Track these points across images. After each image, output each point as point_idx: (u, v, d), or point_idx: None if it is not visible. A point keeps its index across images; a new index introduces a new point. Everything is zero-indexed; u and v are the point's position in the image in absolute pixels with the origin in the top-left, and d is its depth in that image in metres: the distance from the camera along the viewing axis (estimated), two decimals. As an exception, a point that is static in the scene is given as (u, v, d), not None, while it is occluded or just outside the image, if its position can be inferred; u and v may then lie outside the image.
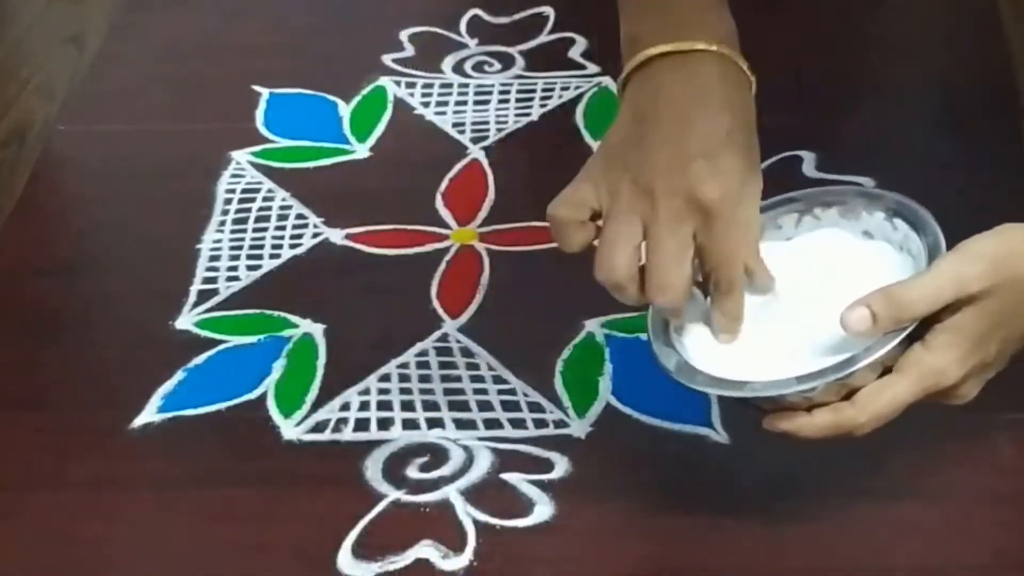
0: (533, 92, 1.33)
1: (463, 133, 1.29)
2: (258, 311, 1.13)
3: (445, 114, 1.31)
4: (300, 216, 1.21)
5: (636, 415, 1.03)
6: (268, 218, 1.21)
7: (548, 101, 1.32)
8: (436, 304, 1.12)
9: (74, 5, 1.48)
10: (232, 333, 1.11)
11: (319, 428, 1.03)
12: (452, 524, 0.96)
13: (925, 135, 1.27)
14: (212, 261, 1.17)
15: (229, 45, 1.41)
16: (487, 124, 1.30)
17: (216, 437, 1.03)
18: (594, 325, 1.10)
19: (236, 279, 1.16)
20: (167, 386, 1.07)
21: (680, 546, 0.95)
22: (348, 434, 1.03)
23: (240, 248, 1.18)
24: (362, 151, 1.28)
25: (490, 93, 1.33)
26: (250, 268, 1.17)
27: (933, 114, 1.29)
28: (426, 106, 1.32)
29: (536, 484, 0.99)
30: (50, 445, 1.04)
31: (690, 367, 0.89)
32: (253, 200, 1.23)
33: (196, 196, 1.23)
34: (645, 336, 0.91)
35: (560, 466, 1.00)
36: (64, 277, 1.17)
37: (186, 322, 1.12)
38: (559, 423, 1.03)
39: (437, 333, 1.10)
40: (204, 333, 1.11)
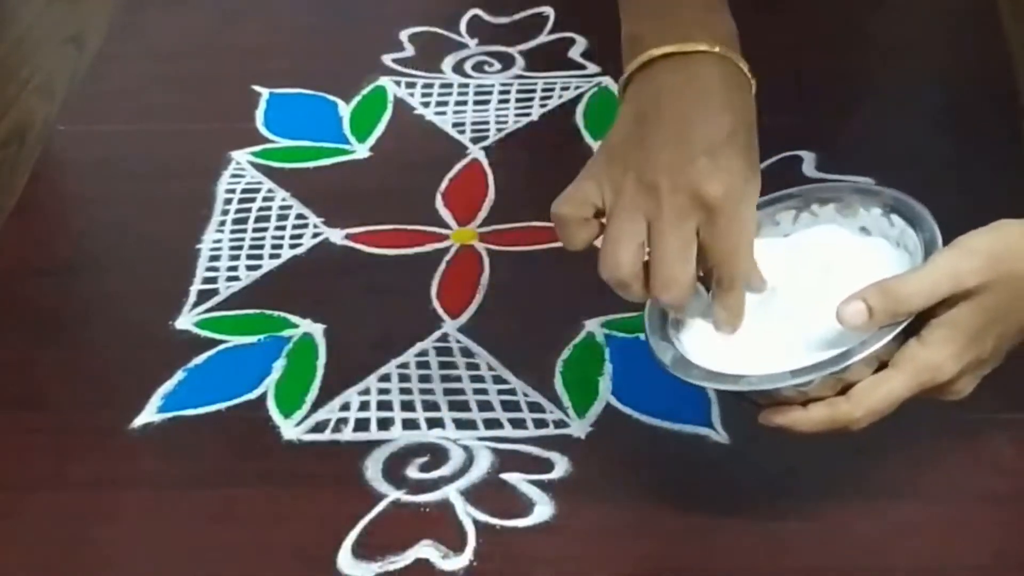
0: (533, 92, 1.33)
1: (463, 133, 1.29)
2: (258, 311, 1.13)
3: (445, 114, 1.31)
4: (300, 216, 1.21)
5: (636, 415, 1.03)
6: (268, 218, 1.21)
7: (548, 101, 1.32)
8: (436, 304, 1.12)
9: (74, 5, 1.48)
10: (232, 333, 1.11)
11: (319, 428, 1.03)
12: (452, 524, 0.96)
13: (925, 135, 1.27)
14: (212, 261, 1.17)
15: (229, 45, 1.41)
16: (487, 124, 1.30)
17: (216, 437, 1.03)
18: (594, 325, 1.10)
19: (236, 279, 1.16)
20: (167, 386, 1.07)
21: (680, 546, 0.95)
22: (348, 434, 1.03)
23: (240, 248, 1.18)
24: (362, 151, 1.27)
25: (490, 93, 1.33)
26: (250, 268, 1.16)
27: (933, 114, 1.29)
28: (426, 106, 1.32)
29: (536, 484, 0.99)
30: (50, 445, 1.03)
31: (686, 361, 0.89)
32: (253, 200, 1.23)
33: (196, 196, 1.23)
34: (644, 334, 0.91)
35: (560, 466, 1.00)
36: (64, 277, 1.17)
37: (186, 322, 1.12)
38: (559, 423, 1.03)
39: (437, 333, 1.10)
40: (204, 333, 1.11)
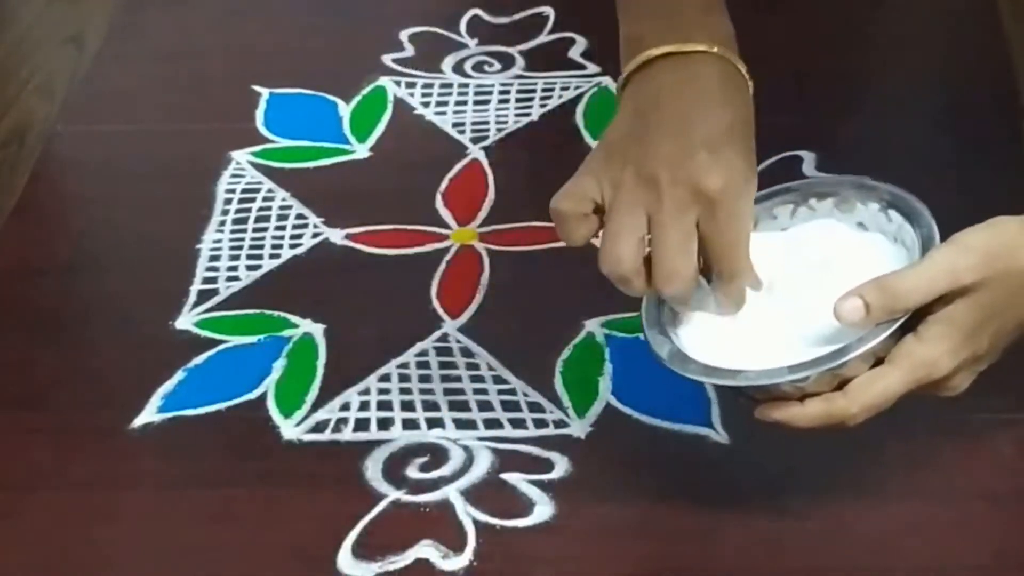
0: (533, 92, 1.33)
1: (463, 133, 1.29)
2: (258, 311, 1.13)
3: (445, 114, 1.31)
4: (300, 216, 1.21)
5: (636, 415, 1.03)
6: (268, 218, 1.21)
7: (548, 101, 1.32)
8: (436, 304, 1.12)
9: (74, 5, 1.48)
10: (232, 333, 1.11)
11: (319, 428, 1.03)
12: (452, 524, 0.96)
13: (925, 135, 1.27)
14: (212, 261, 1.17)
15: (229, 45, 1.41)
16: (487, 124, 1.29)
17: (216, 437, 1.03)
18: (594, 325, 1.10)
19: (236, 279, 1.15)
20: (167, 386, 1.07)
21: (680, 546, 0.95)
22: (348, 434, 1.03)
23: (240, 248, 1.18)
24: (362, 151, 1.27)
25: (490, 93, 1.33)
26: (250, 268, 1.16)
27: (933, 114, 1.29)
28: (426, 106, 1.32)
29: (536, 484, 0.98)
30: (50, 445, 1.03)
31: (683, 355, 0.89)
32: (253, 200, 1.23)
33: (196, 196, 1.23)
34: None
35: (560, 466, 1.00)
36: (64, 277, 1.17)
37: (186, 322, 1.12)
38: (559, 423, 1.03)
39: (437, 333, 1.10)
40: (204, 333, 1.11)
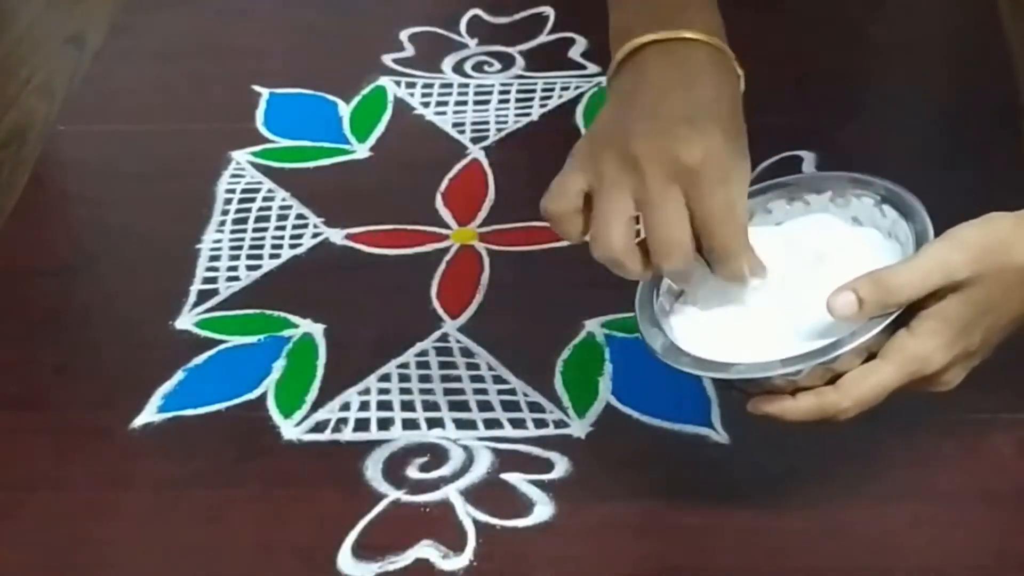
0: (533, 92, 1.33)
1: (463, 133, 1.29)
2: (258, 311, 1.13)
3: (445, 114, 1.31)
4: (300, 216, 1.21)
5: (636, 415, 1.03)
6: (268, 218, 1.21)
7: (548, 101, 1.32)
8: (436, 304, 1.12)
9: (74, 5, 1.48)
10: (232, 333, 1.11)
11: (319, 428, 1.03)
12: (452, 524, 0.96)
13: (925, 135, 1.27)
14: (212, 261, 1.17)
15: (229, 45, 1.41)
16: (487, 124, 1.30)
17: (216, 437, 1.03)
18: (594, 325, 1.10)
19: (236, 279, 1.15)
20: (167, 386, 1.07)
21: (680, 546, 0.95)
22: (348, 434, 1.03)
23: (240, 248, 1.18)
24: (362, 151, 1.27)
25: (490, 93, 1.33)
26: (250, 268, 1.16)
27: (933, 114, 1.29)
28: (426, 106, 1.32)
29: (536, 484, 0.98)
30: (50, 445, 1.03)
31: (676, 348, 0.89)
32: (253, 200, 1.23)
33: (196, 196, 1.23)
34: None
35: (560, 466, 1.00)
36: (64, 277, 1.17)
37: (186, 322, 1.12)
38: (559, 423, 1.03)
39: (437, 333, 1.10)
40: (204, 333, 1.11)
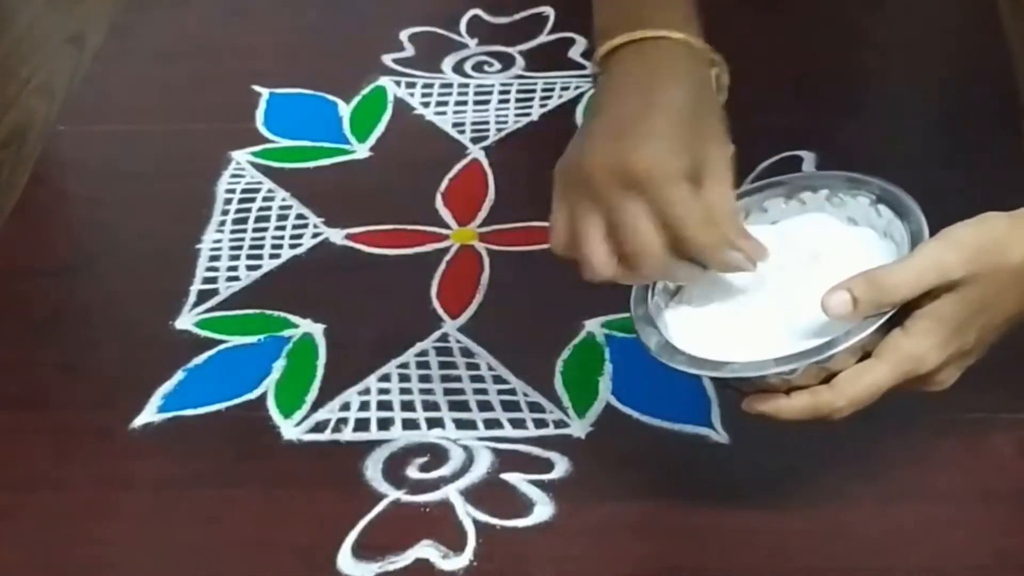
0: (533, 92, 1.33)
1: (463, 133, 1.29)
2: (258, 311, 1.13)
3: (445, 114, 1.31)
4: (300, 216, 1.21)
5: (636, 415, 1.03)
6: (268, 218, 1.21)
7: (548, 101, 1.32)
8: (436, 304, 1.12)
9: (74, 5, 1.48)
10: (232, 333, 1.11)
11: (319, 428, 1.03)
12: (452, 524, 0.96)
13: (925, 135, 1.27)
14: (212, 261, 1.17)
15: (229, 45, 1.41)
16: (487, 124, 1.30)
17: (216, 437, 1.03)
18: (594, 325, 1.10)
19: (236, 279, 1.15)
20: (167, 386, 1.07)
21: (680, 546, 0.95)
22: (348, 434, 1.03)
23: (240, 248, 1.18)
24: (362, 151, 1.27)
25: (490, 93, 1.33)
26: (250, 268, 1.16)
27: (933, 114, 1.29)
28: (426, 106, 1.32)
29: (536, 484, 0.98)
30: (50, 445, 1.03)
31: (671, 347, 0.89)
32: (253, 200, 1.23)
33: (196, 196, 1.23)
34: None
35: (560, 466, 1.00)
36: (64, 277, 1.17)
37: (186, 322, 1.12)
38: (559, 423, 1.03)
39: (437, 333, 1.10)
40: (204, 333, 1.11)
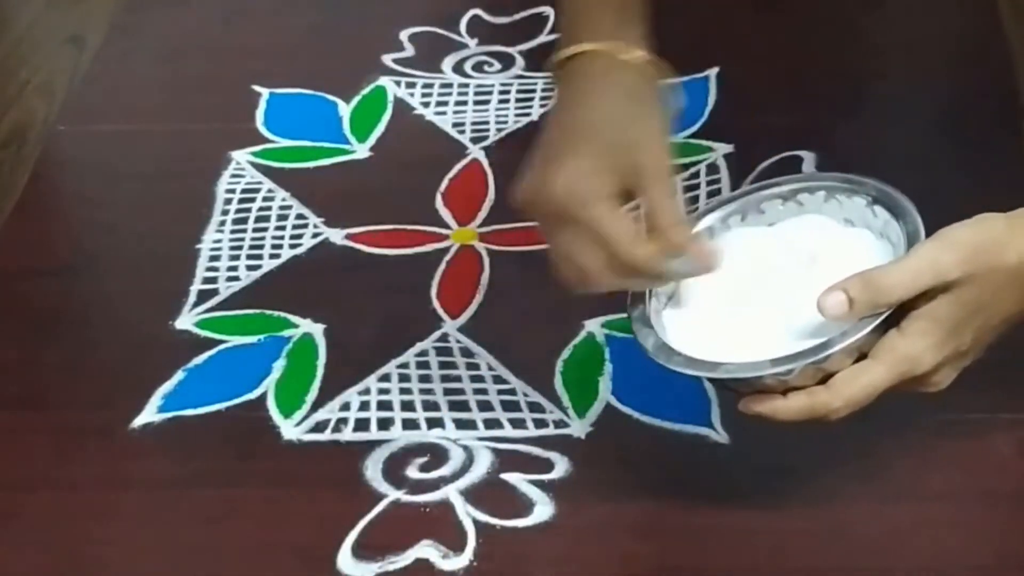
0: (533, 92, 1.33)
1: (463, 133, 1.29)
2: (258, 311, 1.13)
3: (445, 114, 1.31)
4: (300, 216, 1.21)
5: (636, 415, 1.03)
6: (268, 218, 1.21)
7: (548, 101, 1.31)
8: (436, 304, 1.12)
9: (74, 5, 1.48)
10: (232, 333, 1.11)
11: (319, 428, 1.03)
12: (452, 524, 0.96)
13: (925, 135, 1.27)
14: (212, 261, 1.17)
15: (229, 45, 1.41)
16: (487, 124, 1.29)
17: (216, 437, 1.03)
18: (594, 325, 1.10)
19: (236, 279, 1.15)
20: (167, 386, 1.07)
21: (680, 546, 0.95)
22: (348, 434, 1.03)
23: (240, 248, 1.18)
24: (362, 151, 1.27)
25: (490, 93, 1.33)
26: (250, 268, 1.16)
27: (933, 114, 1.29)
28: (426, 106, 1.32)
29: (536, 484, 0.98)
30: (50, 445, 1.03)
31: (667, 347, 0.89)
32: (253, 200, 1.23)
33: (196, 196, 1.23)
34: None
35: (560, 466, 1.00)
36: (64, 277, 1.17)
37: (186, 322, 1.12)
38: (559, 423, 1.03)
39: (437, 333, 1.10)
40: (204, 333, 1.11)
